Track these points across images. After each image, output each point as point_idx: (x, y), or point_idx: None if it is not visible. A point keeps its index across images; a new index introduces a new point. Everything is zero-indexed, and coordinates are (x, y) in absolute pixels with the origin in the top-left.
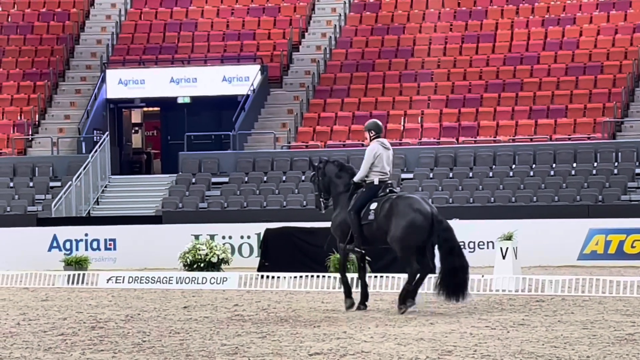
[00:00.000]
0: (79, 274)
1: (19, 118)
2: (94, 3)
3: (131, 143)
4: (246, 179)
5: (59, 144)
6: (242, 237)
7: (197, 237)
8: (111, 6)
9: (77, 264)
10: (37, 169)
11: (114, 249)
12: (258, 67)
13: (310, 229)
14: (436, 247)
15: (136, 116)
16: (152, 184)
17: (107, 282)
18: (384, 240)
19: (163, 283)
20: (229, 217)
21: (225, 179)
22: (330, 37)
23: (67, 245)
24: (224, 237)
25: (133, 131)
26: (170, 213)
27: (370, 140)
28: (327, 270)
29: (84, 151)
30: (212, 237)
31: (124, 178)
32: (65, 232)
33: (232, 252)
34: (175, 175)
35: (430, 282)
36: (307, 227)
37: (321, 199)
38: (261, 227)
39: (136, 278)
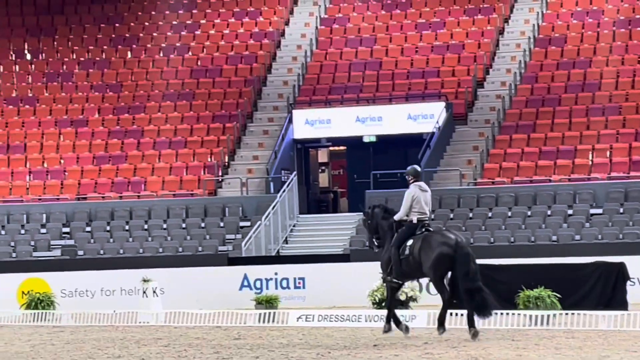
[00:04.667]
0: (269, 313)
1: (209, 159)
2: (281, 45)
3: (318, 182)
4: (433, 216)
5: (248, 184)
6: None
7: None
8: (297, 48)
9: (268, 303)
10: (227, 209)
11: (303, 287)
12: (443, 104)
13: (497, 266)
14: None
15: (323, 155)
16: (339, 222)
17: (297, 321)
18: (420, 273)
19: (352, 321)
20: None
21: None
22: (515, 72)
23: (258, 284)
24: None
25: (320, 170)
26: (358, 251)
27: (410, 184)
28: (516, 307)
29: (272, 191)
30: None
31: (312, 217)
32: (255, 271)
33: (420, 290)
34: (362, 213)
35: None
36: (494, 263)
37: (373, 240)
38: None
39: (326, 316)
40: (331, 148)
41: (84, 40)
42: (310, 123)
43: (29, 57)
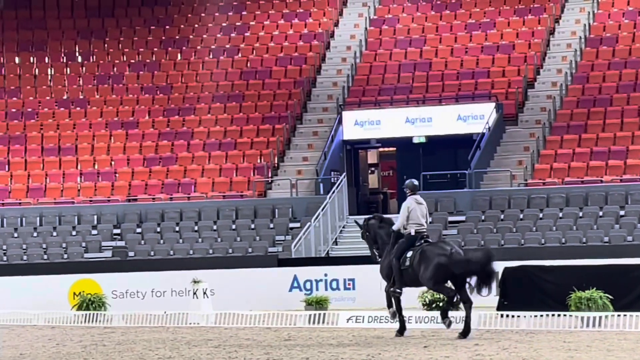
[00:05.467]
0: (319, 314)
1: (258, 161)
2: (330, 46)
3: (368, 183)
4: (483, 217)
5: (298, 185)
6: None
7: None
8: (346, 49)
9: (318, 304)
10: (276, 210)
11: (353, 288)
12: (493, 104)
13: (549, 267)
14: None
15: (372, 157)
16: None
17: (347, 322)
18: (419, 282)
19: None
20: None
21: (462, 218)
22: (566, 72)
23: (307, 285)
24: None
25: (369, 171)
26: None
27: (408, 196)
28: (567, 308)
29: (321, 192)
30: None
31: (361, 218)
32: (305, 273)
33: (471, 292)
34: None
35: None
36: (546, 265)
37: (374, 251)
38: (500, 266)
39: (376, 317)
40: (381, 149)
41: (135, 43)
42: (360, 124)
43: (80, 59)
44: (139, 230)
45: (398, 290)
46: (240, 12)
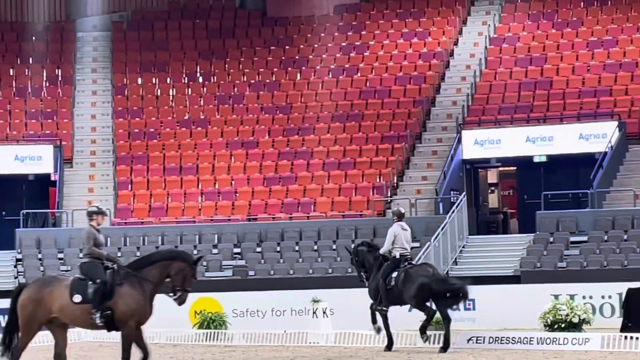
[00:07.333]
0: (439, 334)
1: (378, 180)
2: (449, 65)
3: (487, 203)
4: (606, 237)
5: (417, 205)
6: (602, 297)
7: (556, 296)
8: (466, 67)
9: (438, 324)
10: None
11: (473, 309)
12: (615, 123)
13: None
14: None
15: (492, 176)
16: (509, 243)
17: (468, 342)
18: (403, 300)
19: (524, 343)
20: (589, 276)
21: (584, 238)
22: None
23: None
24: (584, 297)
25: (489, 191)
26: (528, 273)
27: (394, 223)
28: None
29: (441, 212)
30: (571, 297)
31: (481, 238)
32: None
33: (593, 312)
34: (533, 234)
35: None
36: None
37: (361, 274)
38: (623, 287)
39: (496, 338)
40: (501, 168)
41: (255, 63)
42: (480, 143)
43: (201, 80)
44: (259, 249)
45: (384, 308)
46: (359, 31)
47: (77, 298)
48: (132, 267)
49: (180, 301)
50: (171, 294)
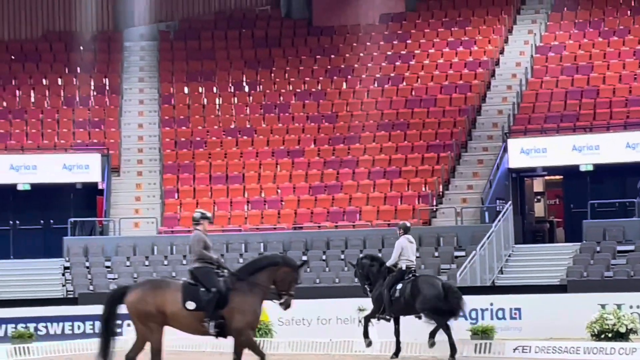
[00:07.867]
0: (485, 343)
1: (423, 189)
2: (495, 74)
3: (534, 212)
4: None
5: (463, 213)
6: None
7: (603, 306)
8: (512, 76)
9: (484, 333)
10: (441, 238)
11: (519, 318)
12: None
13: None
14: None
15: (538, 185)
16: (555, 252)
17: (514, 352)
18: (408, 311)
19: (570, 353)
20: (636, 286)
21: (631, 247)
22: None
23: (473, 314)
24: (631, 307)
25: (535, 200)
26: (575, 282)
27: (400, 236)
28: None
29: (487, 221)
30: (619, 306)
31: (527, 247)
32: (470, 302)
33: None
34: (579, 243)
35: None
36: None
37: (365, 286)
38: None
39: (543, 347)
40: (547, 177)
41: (301, 72)
42: (526, 152)
43: (247, 89)
44: (304, 257)
45: (387, 317)
46: (405, 40)
47: (191, 305)
48: (241, 273)
49: (286, 306)
50: (276, 300)
